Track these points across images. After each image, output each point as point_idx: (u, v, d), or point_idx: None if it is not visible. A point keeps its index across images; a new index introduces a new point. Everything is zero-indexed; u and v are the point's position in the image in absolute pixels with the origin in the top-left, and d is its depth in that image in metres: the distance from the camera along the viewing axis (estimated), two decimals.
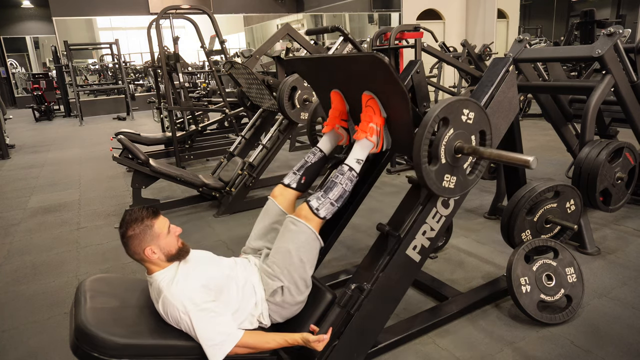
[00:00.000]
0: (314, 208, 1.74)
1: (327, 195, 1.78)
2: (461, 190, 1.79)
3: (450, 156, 1.71)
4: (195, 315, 1.52)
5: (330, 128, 2.05)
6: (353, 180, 1.84)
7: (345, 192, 1.81)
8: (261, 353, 1.66)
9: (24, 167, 6.24)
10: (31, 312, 2.50)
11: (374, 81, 1.80)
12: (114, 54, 11.65)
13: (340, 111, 2.03)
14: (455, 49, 8.76)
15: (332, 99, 2.03)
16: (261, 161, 4.02)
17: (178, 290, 1.56)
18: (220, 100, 6.73)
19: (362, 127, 1.85)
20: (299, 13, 14.01)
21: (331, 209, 1.78)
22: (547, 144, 5.83)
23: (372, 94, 1.83)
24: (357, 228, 3.43)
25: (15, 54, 15.91)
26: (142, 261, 1.64)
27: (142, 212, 1.61)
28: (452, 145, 1.70)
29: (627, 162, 2.68)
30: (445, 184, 1.73)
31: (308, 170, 2.02)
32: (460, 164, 1.75)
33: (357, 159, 1.85)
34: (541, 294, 2.11)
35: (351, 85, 1.95)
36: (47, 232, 3.72)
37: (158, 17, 5.30)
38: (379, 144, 1.88)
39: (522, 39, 3.08)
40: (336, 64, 1.97)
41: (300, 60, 2.17)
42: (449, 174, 1.73)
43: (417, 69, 2.07)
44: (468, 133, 1.74)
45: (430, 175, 1.67)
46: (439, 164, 1.69)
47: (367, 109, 1.85)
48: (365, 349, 1.84)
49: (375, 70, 1.71)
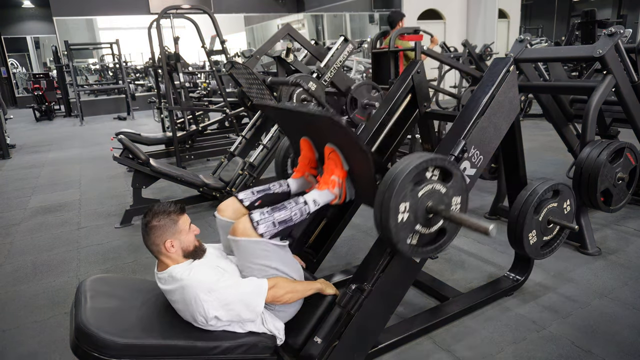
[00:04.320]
0: (254, 221, 1.66)
1: (273, 214, 1.70)
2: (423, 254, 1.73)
3: (422, 217, 1.63)
4: (221, 290, 1.56)
5: (299, 175, 2.03)
6: (303, 214, 1.77)
7: (291, 220, 1.73)
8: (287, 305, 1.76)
9: (25, 167, 6.24)
10: (31, 312, 2.50)
11: (335, 136, 1.81)
12: (114, 53, 11.65)
13: (310, 159, 2.02)
14: (455, 49, 8.76)
15: (302, 146, 2.03)
16: (262, 161, 4.02)
17: (199, 275, 1.58)
18: (220, 100, 6.73)
19: (324, 179, 1.86)
20: (300, 13, 14.01)
21: (271, 229, 1.67)
22: (548, 144, 5.82)
23: (334, 147, 1.84)
24: (357, 228, 3.43)
25: (16, 54, 15.94)
26: (159, 253, 1.66)
27: (170, 206, 1.67)
28: (424, 204, 1.62)
29: (628, 162, 2.68)
30: (413, 241, 1.66)
31: (267, 197, 1.94)
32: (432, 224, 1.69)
33: (315, 201, 1.82)
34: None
35: (318, 135, 1.96)
36: (47, 232, 3.72)
37: (158, 17, 5.29)
38: (342, 196, 1.89)
39: (523, 39, 3.08)
40: (301, 116, 1.97)
41: (270, 108, 2.20)
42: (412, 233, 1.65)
43: (418, 69, 2.08)
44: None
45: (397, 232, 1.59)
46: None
47: (329, 161, 1.86)
48: (366, 349, 1.84)
49: (334, 130, 1.73)
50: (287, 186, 2.00)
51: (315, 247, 2.41)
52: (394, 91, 2.35)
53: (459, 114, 2.02)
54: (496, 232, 1.46)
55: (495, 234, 1.46)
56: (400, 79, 2.36)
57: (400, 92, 2.30)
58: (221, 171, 4.34)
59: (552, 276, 2.59)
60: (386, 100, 2.38)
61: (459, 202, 1.72)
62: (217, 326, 1.60)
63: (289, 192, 2.00)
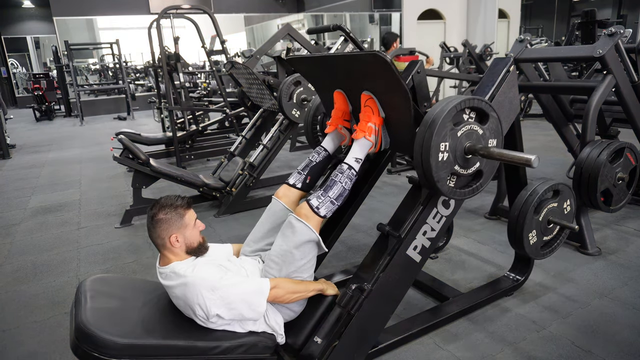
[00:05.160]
0: (314, 207, 1.74)
1: (327, 193, 1.78)
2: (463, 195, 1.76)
3: (461, 157, 1.68)
4: (224, 288, 1.56)
5: (333, 128, 2.04)
6: (352, 178, 1.84)
7: (345, 190, 1.82)
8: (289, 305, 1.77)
9: (25, 167, 6.24)
10: (31, 312, 2.50)
11: (374, 80, 1.79)
12: (114, 53, 11.65)
13: (343, 111, 2.03)
14: (456, 49, 8.76)
15: (335, 99, 2.03)
16: (262, 161, 4.02)
17: (203, 273, 1.59)
18: (220, 100, 6.73)
19: (360, 127, 1.86)
20: (300, 13, 14.00)
21: (331, 207, 1.78)
22: (548, 144, 5.82)
23: (370, 94, 1.83)
24: (357, 228, 3.43)
25: (16, 54, 15.92)
26: (163, 247, 1.66)
27: (177, 200, 1.68)
28: (462, 145, 1.67)
29: (628, 162, 2.68)
30: (450, 183, 1.71)
31: (313, 170, 2.01)
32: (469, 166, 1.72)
33: (356, 158, 1.85)
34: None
35: (353, 85, 1.94)
36: (47, 232, 3.72)
37: (159, 17, 5.29)
38: (378, 144, 1.88)
39: (523, 39, 3.08)
40: (337, 63, 1.96)
41: (301, 59, 2.16)
42: (454, 174, 1.70)
43: (418, 69, 2.07)
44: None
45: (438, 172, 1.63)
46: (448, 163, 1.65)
47: (365, 108, 1.86)
48: (366, 349, 1.84)
49: (376, 69, 1.70)
50: (324, 150, 2.04)
51: None
52: None
53: None
54: (538, 163, 1.48)
55: (537, 165, 1.49)
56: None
57: None
58: (221, 171, 4.33)
59: (552, 276, 2.59)
60: None
61: (495, 144, 1.75)
62: (217, 324, 1.61)
63: (329, 154, 2.05)
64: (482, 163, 1.74)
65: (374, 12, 12.74)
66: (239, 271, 1.77)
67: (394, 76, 1.65)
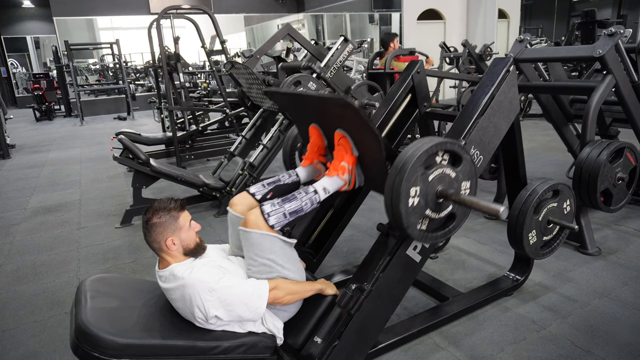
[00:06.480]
0: (265, 212, 1.67)
1: (283, 205, 1.71)
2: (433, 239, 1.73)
3: (432, 201, 1.64)
4: (223, 290, 1.55)
5: (308, 163, 2.02)
6: (314, 203, 1.78)
7: (302, 210, 1.75)
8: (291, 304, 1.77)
9: (25, 167, 6.24)
10: (31, 312, 2.50)
11: (345, 121, 1.80)
12: (114, 53, 11.65)
13: (319, 146, 2.02)
14: (455, 49, 8.76)
15: (310, 133, 2.02)
16: (262, 161, 4.02)
17: (200, 274, 1.58)
18: (220, 100, 6.73)
19: (333, 166, 1.86)
20: (300, 13, 14.00)
21: (282, 220, 1.69)
22: (547, 144, 5.82)
23: (344, 132, 1.83)
24: (357, 228, 3.43)
25: (16, 54, 15.92)
26: (160, 251, 1.66)
27: (170, 203, 1.67)
28: (434, 189, 1.62)
29: (628, 162, 2.68)
30: (422, 227, 1.67)
31: (278, 188, 1.94)
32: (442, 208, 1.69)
33: (325, 188, 1.82)
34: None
35: (328, 122, 1.95)
36: (47, 232, 3.72)
37: (159, 17, 5.29)
38: (352, 182, 1.89)
39: (522, 39, 3.08)
40: (311, 101, 1.97)
41: (279, 94, 2.18)
42: (422, 217, 1.65)
43: (418, 69, 2.07)
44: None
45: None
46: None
47: (339, 147, 1.86)
48: (366, 349, 1.84)
49: (345, 113, 1.72)
50: (297, 175, 2.00)
51: (315, 247, 2.41)
52: (394, 91, 2.35)
53: (459, 114, 2.02)
54: (507, 214, 1.46)
55: (506, 216, 1.47)
56: (400, 79, 2.36)
57: (400, 92, 2.31)
58: (221, 171, 4.34)
59: (552, 276, 2.59)
60: (386, 100, 2.38)
61: (469, 186, 1.72)
62: (216, 325, 1.60)
63: (299, 182, 2.00)
64: (454, 206, 1.71)
65: (374, 12, 12.74)
66: (237, 271, 1.76)
67: (362, 121, 1.65)
